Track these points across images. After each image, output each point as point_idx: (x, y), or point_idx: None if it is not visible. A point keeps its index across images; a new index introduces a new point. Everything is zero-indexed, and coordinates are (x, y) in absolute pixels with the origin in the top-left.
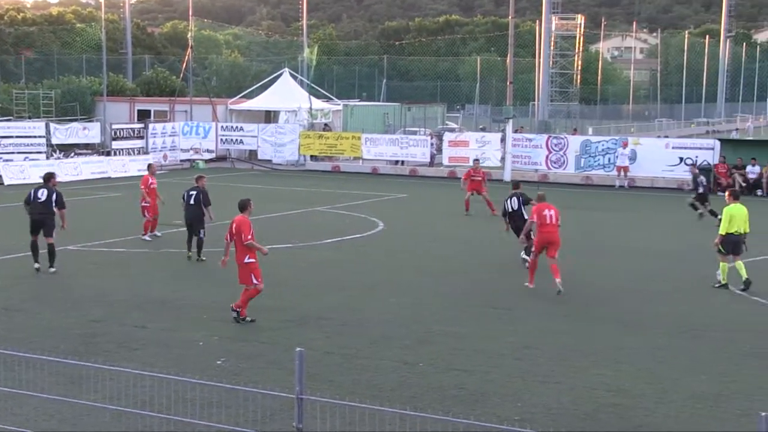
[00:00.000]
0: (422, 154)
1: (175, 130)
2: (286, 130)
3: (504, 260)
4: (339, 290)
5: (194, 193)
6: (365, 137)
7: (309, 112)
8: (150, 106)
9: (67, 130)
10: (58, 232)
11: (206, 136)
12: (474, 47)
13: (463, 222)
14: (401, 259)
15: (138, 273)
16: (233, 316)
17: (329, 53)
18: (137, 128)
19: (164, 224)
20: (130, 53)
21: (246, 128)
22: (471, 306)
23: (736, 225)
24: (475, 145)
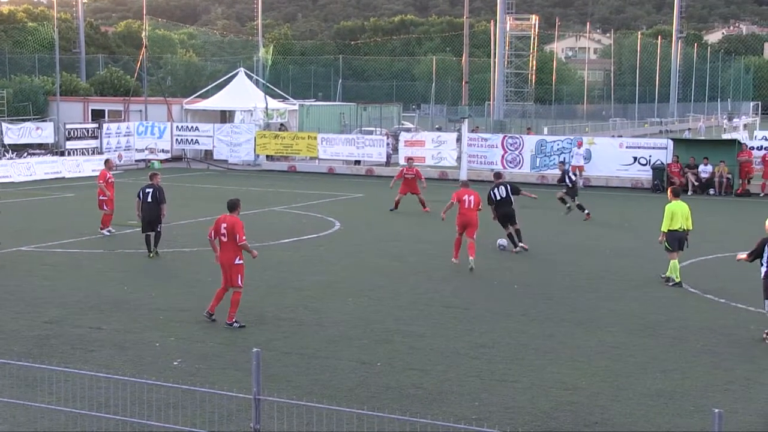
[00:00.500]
0: (378, 153)
1: (130, 129)
2: (241, 129)
3: (461, 260)
4: (296, 290)
5: (150, 190)
6: (321, 137)
7: (265, 112)
8: (104, 106)
9: (20, 130)
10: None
11: (161, 136)
12: (429, 47)
13: (420, 221)
14: (358, 259)
15: (93, 274)
16: (208, 319)
17: (284, 53)
18: (91, 128)
19: (119, 224)
20: (83, 52)
21: (201, 128)
22: (428, 305)
23: (679, 222)
24: (431, 145)
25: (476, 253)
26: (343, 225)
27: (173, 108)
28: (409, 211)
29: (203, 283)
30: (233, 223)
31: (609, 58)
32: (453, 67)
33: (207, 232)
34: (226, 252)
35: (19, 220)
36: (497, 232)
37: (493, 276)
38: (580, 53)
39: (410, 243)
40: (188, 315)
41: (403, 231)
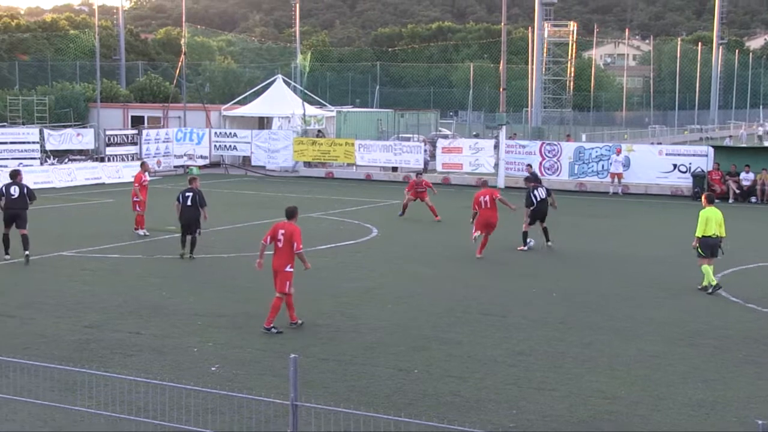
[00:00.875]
0: (416, 160)
1: (169, 136)
2: (279, 136)
3: (498, 267)
4: (333, 297)
5: (190, 194)
6: (358, 143)
7: (302, 119)
8: (143, 113)
9: (61, 136)
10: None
11: (200, 142)
12: (467, 54)
13: (457, 228)
14: (396, 266)
15: (132, 279)
16: (268, 331)
17: (322, 60)
18: (131, 134)
19: (157, 230)
20: (123, 59)
21: (239, 134)
22: (466, 313)
23: (712, 228)
24: (469, 152)
25: (509, 262)
26: (380, 231)
27: (212, 114)
28: (446, 219)
29: (241, 288)
30: (292, 230)
31: (648, 65)
32: (490, 73)
33: (245, 239)
34: (279, 258)
35: (60, 225)
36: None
37: (531, 284)
38: (619, 60)
39: (447, 250)
40: (226, 320)
41: (440, 238)
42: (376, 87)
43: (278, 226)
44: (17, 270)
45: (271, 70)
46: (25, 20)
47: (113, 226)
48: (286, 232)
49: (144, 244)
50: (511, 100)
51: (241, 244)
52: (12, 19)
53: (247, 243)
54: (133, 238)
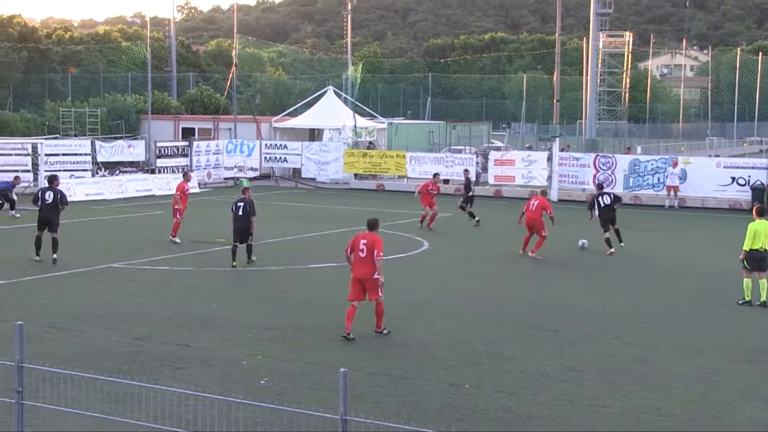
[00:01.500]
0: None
1: (219, 147)
2: (330, 148)
3: (550, 281)
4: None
5: (242, 204)
6: (410, 156)
7: (353, 130)
8: (194, 124)
9: (113, 148)
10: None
11: (250, 154)
12: (520, 65)
13: (510, 241)
14: (447, 279)
15: (181, 291)
16: (347, 339)
17: (374, 71)
18: (181, 146)
19: (208, 242)
20: (174, 71)
21: (290, 146)
22: (517, 327)
23: (760, 241)
24: (521, 164)
25: (561, 275)
26: (431, 245)
27: (262, 126)
28: (499, 231)
29: (291, 301)
30: (374, 240)
31: (706, 76)
32: (544, 85)
33: (295, 251)
34: (363, 267)
35: (110, 237)
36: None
37: (583, 298)
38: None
39: (499, 263)
40: (275, 333)
41: (491, 251)
42: (428, 98)
43: (360, 236)
44: (67, 281)
45: (322, 81)
46: (79, 32)
47: (163, 238)
48: (368, 242)
49: (194, 256)
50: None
51: (291, 257)
52: (65, 31)
53: (297, 256)
54: (183, 250)
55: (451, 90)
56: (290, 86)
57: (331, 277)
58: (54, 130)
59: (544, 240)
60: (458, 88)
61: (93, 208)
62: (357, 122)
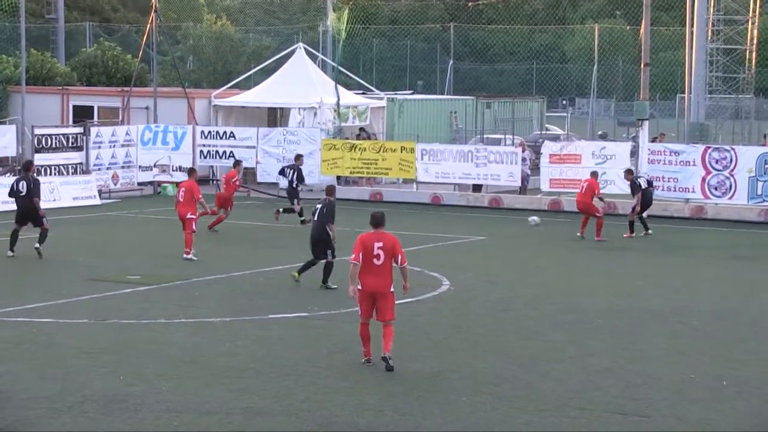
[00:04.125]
0: (509, 174)
1: (131, 137)
2: (300, 137)
3: (630, 336)
4: (379, 384)
5: (320, 207)
6: (421, 148)
7: (335, 110)
8: (92, 101)
9: None
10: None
11: (178, 147)
12: (589, 10)
13: (569, 278)
14: (477, 336)
15: (73, 355)
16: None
17: (366, 20)
18: (73, 134)
19: (112, 280)
20: (61, 20)
21: (239, 134)
22: (585, 410)
23: None
24: (592, 161)
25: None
26: (453, 283)
27: (196, 104)
28: (555, 263)
29: (239, 370)
30: (393, 241)
31: None
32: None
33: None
34: (381, 278)
35: None
36: None
37: (684, 364)
38: None
39: (554, 312)
40: (216, 420)
41: (544, 292)
42: (449, 62)
43: (371, 237)
44: None
45: (287, 36)
46: None
47: (48, 275)
48: (385, 245)
49: (92, 302)
50: (659, 81)
51: (239, 303)
52: None
53: (248, 302)
54: (75, 293)
55: (483, 49)
56: (239, 43)
57: (301, 333)
58: None
59: (602, 222)
60: (495, 46)
61: None
62: (341, 98)
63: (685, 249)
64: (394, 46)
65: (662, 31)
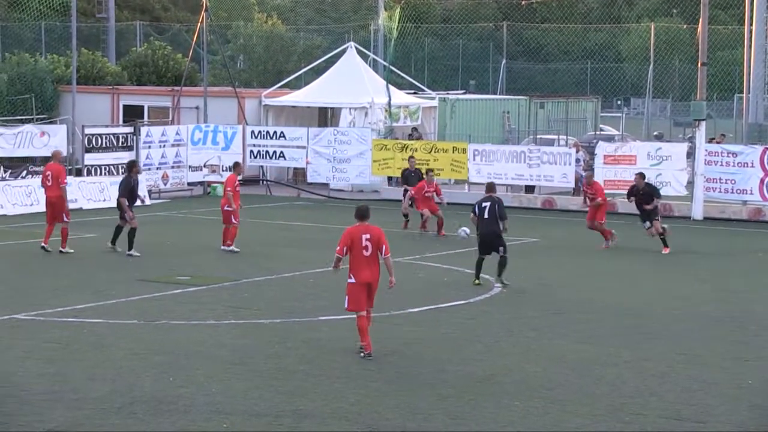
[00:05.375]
0: (562, 175)
1: (181, 136)
2: (351, 137)
3: (687, 341)
4: (432, 387)
5: (488, 204)
6: (473, 149)
7: (386, 110)
8: (143, 100)
9: (17, 137)
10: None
11: (228, 147)
12: (645, 9)
13: (626, 277)
14: (528, 339)
15: (123, 356)
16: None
17: (418, 19)
18: (123, 134)
19: (162, 281)
20: (112, 19)
21: (289, 134)
22: (639, 415)
23: None
24: (647, 162)
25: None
26: (505, 286)
27: (246, 103)
28: (611, 268)
29: (290, 372)
30: (379, 233)
31: None
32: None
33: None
34: (373, 268)
35: (13, 272)
36: None
37: (744, 370)
38: None
39: (609, 315)
40: (266, 422)
41: (598, 296)
42: (502, 61)
43: (358, 230)
44: None
45: (338, 35)
46: None
47: (95, 276)
48: (372, 237)
49: (142, 303)
50: (716, 80)
51: (290, 304)
52: None
53: (299, 303)
54: (124, 293)
55: (537, 48)
56: (290, 42)
57: (351, 335)
58: None
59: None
60: (548, 45)
61: None
62: (392, 98)
63: (742, 252)
64: (446, 45)
65: (720, 30)
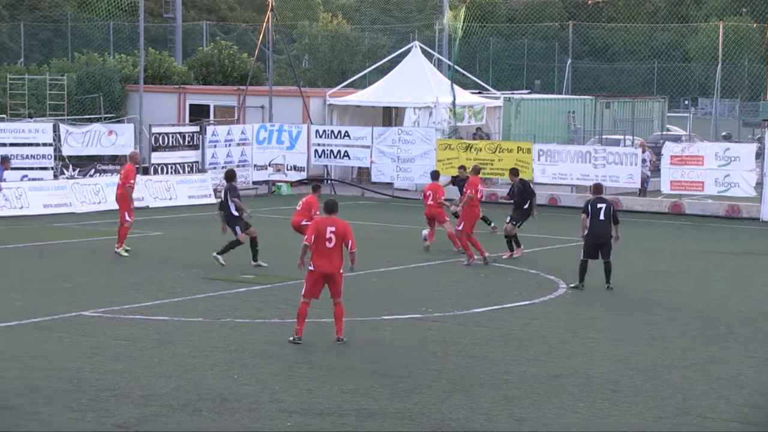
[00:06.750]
0: (628, 176)
1: (246, 135)
2: (415, 137)
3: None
4: (495, 387)
5: (603, 205)
6: (538, 149)
7: (451, 110)
8: (208, 99)
9: (85, 135)
10: None
11: (293, 146)
12: (713, 8)
13: (696, 275)
14: (593, 341)
15: (188, 353)
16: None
17: (483, 19)
18: (189, 133)
19: (227, 279)
20: (179, 19)
21: (354, 134)
22: (706, 418)
23: None
24: (715, 163)
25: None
26: (570, 287)
27: (311, 103)
28: (681, 268)
29: (356, 371)
30: (344, 227)
31: None
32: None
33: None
34: (333, 259)
35: (82, 269)
36: None
37: None
38: None
39: (676, 317)
40: (330, 422)
41: (665, 297)
42: (567, 61)
43: (324, 222)
44: (18, 336)
45: (403, 34)
46: None
47: (160, 273)
48: (337, 230)
49: (207, 301)
50: None
51: (354, 303)
52: None
53: (363, 302)
54: (190, 291)
55: (603, 48)
56: (354, 42)
57: (414, 335)
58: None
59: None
60: (615, 44)
61: (56, 225)
62: (457, 97)
63: None
64: (511, 44)
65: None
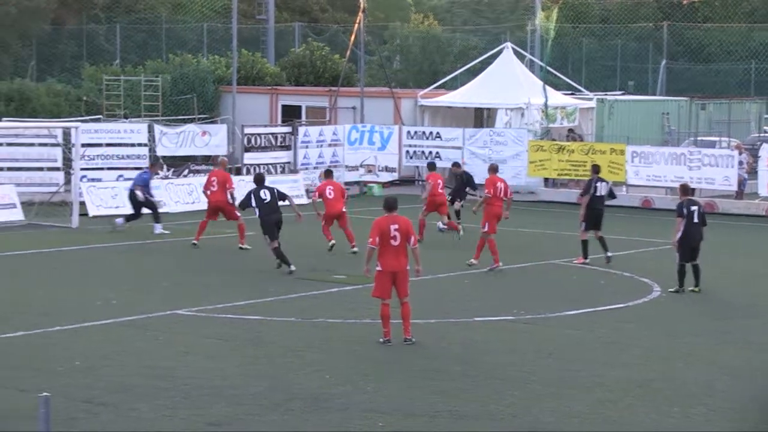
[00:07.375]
0: (724, 178)
1: (338, 136)
2: (507, 138)
3: None
4: (588, 390)
5: (696, 208)
6: (632, 150)
7: (543, 111)
8: (300, 100)
9: (179, 136)
10: None
11: (384, 147)
12: None
13: None
14: (688, 344)
15: (280, 353)
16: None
17: (576, 19)
18: (281, 133)
19: (319, 279)
20: (272, 21)
21: (445, 135)
22: None
23: None
24: None
25: None
26: (665, 289)
27: (402, 104)
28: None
29: (446, 373)
30: (407, 223)
31: None
32: None
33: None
34: (400, 258)
35: (176, 268)
36: None
37: None
38: None
39: None
40: (421, 423)
41: (764, 301)
42: (662, 61)
43: (387, 221)
44: (113, 334)
45: (495, 35)
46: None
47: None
48: (401, 227)
49: (300, 301)
50: None
51: (445, 304)
52: None
53: (454, 303)
54: (284, 290)
55: (698, 48)
56: (446, 43)
57: (506, 336)
58: (94, 108)
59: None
60: (710, 45)
61: (151, 224)
62: (549, 99)
63: None
64: (604, 45)
65: None
